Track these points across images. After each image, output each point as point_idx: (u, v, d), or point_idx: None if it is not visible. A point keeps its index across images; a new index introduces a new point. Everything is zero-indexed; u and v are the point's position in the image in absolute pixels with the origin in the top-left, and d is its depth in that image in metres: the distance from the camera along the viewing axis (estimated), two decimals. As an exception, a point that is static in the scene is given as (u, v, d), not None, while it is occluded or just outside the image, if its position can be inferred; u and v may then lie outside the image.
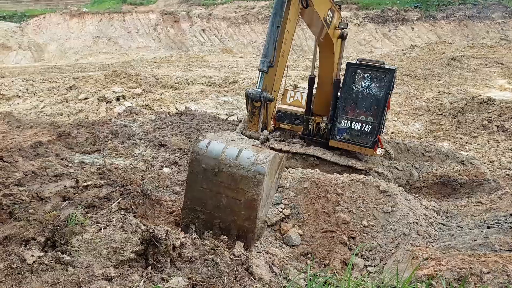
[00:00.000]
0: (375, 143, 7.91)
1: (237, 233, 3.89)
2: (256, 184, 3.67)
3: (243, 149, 3.79)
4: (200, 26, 31.63)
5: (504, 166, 9.64)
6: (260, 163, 3.68)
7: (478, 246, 4.52)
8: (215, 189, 3.83)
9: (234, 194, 3.78)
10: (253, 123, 4.33)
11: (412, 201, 6.22)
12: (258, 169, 3.65)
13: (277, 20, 4.61)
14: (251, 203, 3.73)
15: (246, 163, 3.69)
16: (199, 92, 16.91)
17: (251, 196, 3.71)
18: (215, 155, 3.76)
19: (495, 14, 27.59)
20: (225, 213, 3.86)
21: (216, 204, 3.87)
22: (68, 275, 2.80)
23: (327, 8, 6.74)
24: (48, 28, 31.82)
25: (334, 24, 7.19)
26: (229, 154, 3.74)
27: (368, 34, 28.13)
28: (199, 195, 3.92)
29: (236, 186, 3.74)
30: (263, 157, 3.73)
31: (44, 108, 13.53)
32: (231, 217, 3.86)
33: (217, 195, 3.84)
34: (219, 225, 3.91)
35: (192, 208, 3.99)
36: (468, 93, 15.68)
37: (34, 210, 4.07)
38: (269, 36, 4.59)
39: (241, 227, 3.84)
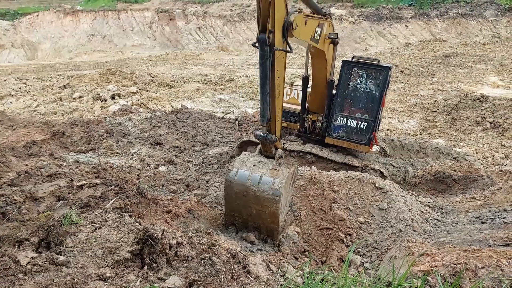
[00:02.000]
0: (370, 140, 7.93)
1: (266, 231, 5.27)
2: (275, 202, 4.92)
3: (263, 176, 5.00)
4: (195, 24, 31.50)
5: (497, 162, 9.72)
6: (276, 187, 4.89)
7: (473, 242, 4.55)
8: (246, 204, 5.14)
9: (260, 208, 5.06)
10: (267, 149, 5.33)
11: (408, 197, 6.25)
12: (275, 193, 4.90)
13: (266, 89, 4.95)
14: (273, 214, 5.03)
15: (266, 188, 4.93)
16: (195, 90, 16.85)
17: (272, 210, 4.99)
18: (243, 182, 5.05)
19: (488, 12, 27.76)
20: (255, 219, 5.22)
21: (248, 213, 5.21)
22: (62, 276, 2.77)
23: (314, 27, 6.58)
24: (42, 26, 31.53)
25: (324, 35, 7.10)
26: (253, 180, 5.02)
27: (363, 32, 28.18)
28: (235, 207, 5.29)
29: (260, 203, 5.02)
30: (278, 182, 4.91)
31: (38, 107, 13.42)
32: (260, 222, 5.20)
33: (247, 208, 5.15)
34: (252, 225, 5.29)
35: (231, 215, 5.40)
36: (462, 90, 15.78)
37: (28, 210, 4.03)
38: (262, 102, 5.05)
39: (268, 227, 5.22)
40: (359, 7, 29.68)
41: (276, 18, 4.56)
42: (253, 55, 26.72)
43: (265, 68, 4.80)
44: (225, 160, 9.25)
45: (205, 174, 8.58)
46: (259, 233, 5.29)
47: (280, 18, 4.69)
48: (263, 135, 5.12)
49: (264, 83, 4.91)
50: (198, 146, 10.03)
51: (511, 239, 4.35)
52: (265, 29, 4.54)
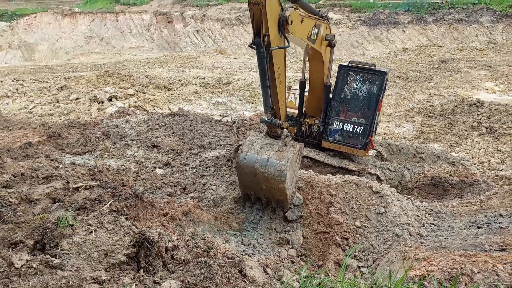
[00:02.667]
0: (366, 144, 7.95)
1: (276, 201, 5.89)
2: (281, 182, 5.46)
3: (269, 158, 5.46)
4: (193, 27, 31.55)
5: (493, 167, 9.77)
6: (281, 170, 5.37)
7: (469, 246, 4.56)
8: (256, 181, 5.71)
9: (269, 185, 5.62)
10: (273, 129, 5.70)
11: (404, 201, 6.26)
12: (281, 174, 5.40)
13: (266, 83, 5.18)
14: (280, 189, 5.59)
15: (272, 170, 5.44)
16: (192, 92, 16.85)
17: (280, 187, 5.55)
18: (251, 165, 5.55)
19: (484, 18, 28.02)
20: (266, 192, 5.86)
21: (259, 189, 5.84)
22: (57, 279, 2.75)
23: (311, 27, 6.63)
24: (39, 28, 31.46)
25: (321, 36, 7.13)
26: (260, 163, 5.51)
27: (360, 37, 28.34)
28: (247, 185, 5.98)
29: (269, 182, 5.57)
30: (284, 165, 5.38)
31: (34, 108, 13.36)
32: (270, 195, 5.84)
33: (258, 184, 5.75)
34: (265, 197, 5.97)
35: (245, 189, 6.14)
36: (458, 95, 15.88)
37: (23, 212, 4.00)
38: (263, 95, 5.32)
39: (278, 199, 5.85)
40: (357, 11, 29.86)
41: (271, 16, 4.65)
42: (251, 59, 26.78)
43: (263, 66, 5.02)
44: (222, 163, 9.24)
45: (202, 177, 8.55)
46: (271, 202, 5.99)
47: (275, 15, 4.79)
48: (268, 120, 5.49)
49: (263, 79, 5.17)
50: (195, 149, 10.01)
51: (507, 244, 4.37)
52: (260, 34, 4.67)
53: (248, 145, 5.69)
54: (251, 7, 4.50)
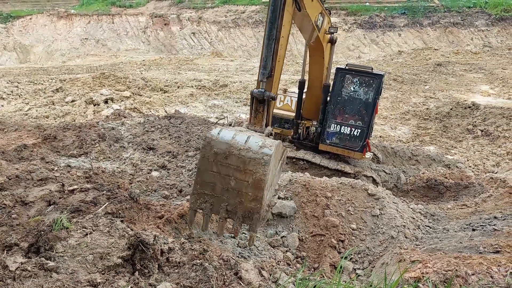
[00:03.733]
0: (364, 147, 7.99)
1: (243, 215, 4.18)
2: (263, 164, 4.02)
3: (251, 136, 4.23)
4: (190, 29, 31.57)
5: (488, 169, 9.84)
6: (267, 146, 4.09)
7: (464, 249, 4.59)
8: (225, 171, 4.16)
9: (242, 176, 4.12)
10: (257, 119, 4.76)
11: (400, 204, 6.29)
12: (265, 151, 4.04)
13: (273, 34, 4.79)
14: (258, 183, 4.06)
15: (254, 146, 4.08)
16: (188, 95, 16.84)
17: (258, 176, 4.04)
18: (226, 140, 4.13)
19: (479, 22, 28.28)
20: (233, 195, 4.17)
21: (225, 187, 4.20)
22: (52, 281, 2.73)
23: (318, 12, 6.81)
24: (35, 29, 31.33)
25: (324, 29, 7.27)
26: (239, 139, 4.14)
27: (356, 40, 28.50)
28: (209, 179, 4.24)
29: (245, 167, 4.09)
30: (270, 142, 4.17)
31: (30, 110, 13.29)
32: (239, 199, 4.17)
33: (226, 178, 4.17)
34: (226, 208, 4.22)
35: (201, 193, 4.29)
36: (454, 98, 15.99)
37: (18, 215, 3.97)
38: (266, 48, 4.82)
39: (248, 208, 4.14)
40: (353, 15, 30.04)
41: None
42: (247, 61, 26.83)
43: (276, 7, 4.67)
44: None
45: (198, 180, 8.52)
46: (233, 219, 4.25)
47: None
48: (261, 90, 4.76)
49: (271, 27, 4.69)
50: (192, 151, 9.99)
51: (501, 246, 4.40)
52: None
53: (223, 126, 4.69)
54: None
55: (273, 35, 4.75)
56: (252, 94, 4.82)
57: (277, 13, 4.75)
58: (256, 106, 4.81)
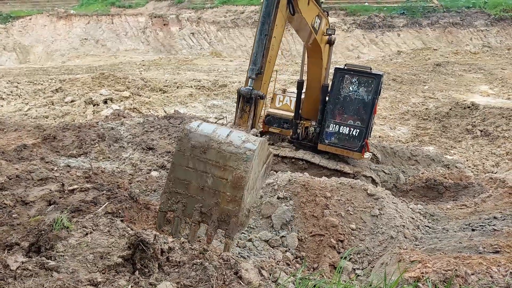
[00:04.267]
0: (362, 147, 8.01)
1: (219, 218, 3.70)
2: (245, 160, 3.57)
3: (234, 131, 3.82)
4: (189, 30, 31.57)
5: (487, 169, 9.86)
6: (251, 141, 3.65)
7: (463, 249, 4.60)
8: (202, 167, 3.70)
9: (221, 173, 3.65)
10: (243, 120, 4.47)
11: (399, 204, 6.30)
12: (248, 146, 3.60)
13: (265, 28, 4.73)
14: (238, 181, 3.60)
15: (237, 140, 3.64)
16: (188, 95, 16.84)
17: (239, 173, 3.58)
18: (206, 133, 3.70)
19: (478, 22, 28.32)
20: (209, 195, 3.71)
21: (200, 186, 3.73)
22: (52, 280, 2.74)
23: (315, 15, 6.81)
24: (34, 30, 31.31)
25: (321, 30, 7.28)
26: (221, 132, 3.71)
27: (355, 40, 28.52)
28: (183, 176, 3.77)
29: (225, 163, 3.63)
30: (254, 138, 3.75)
31: (29, 110, 13.29)
32: (215, 200, 3.69)
33: (202, 175, 3.71)
34: (200, 209, 3.75)
35: (174, 192, 3.81)
36: (453, 98, 16.01)
37: (18, 214, 3.98)
38: (257, 44, 4.73)
39: (224, 210, 3.67)
40: (352, 15, 30.06)
41: None
42: (246, 61, 26.82)
43: (270, 2, 4.62)
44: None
45: (198, 180, 8.53)
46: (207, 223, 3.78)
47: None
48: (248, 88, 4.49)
49: (264, 22, 4.61)
50: (191, 151, 10.00)
51: (501, 246, 4.42)
52: None
53: None
54: None
55: (265, 30, 4.68)
56: (238, 92, 4.57)
57: (271, 8, 4.72)
58: (242, 105, 4.55)
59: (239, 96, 4.60)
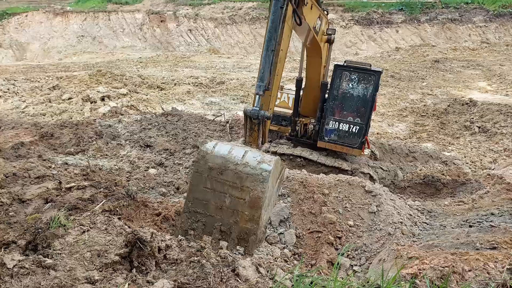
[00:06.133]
0: (362, 143, 8.01)
1: (238, 236, 3.88)
2: (261, 181, 3.74)
3: (249, 150, 3.95)
4: (186, 26, 31.45)
5: (485, 166, 9.88)
6: (266, 161, 3.81)
7: (460, 245, 4.61)
8: (219, 188, 3.86)
9: (238, 193, 3.82)
10: (253, 138, 4.52)
11: (397, 201, 6.31)
12: (264, 167, 3.75)
13: (272, 44, 4.59)
14: (255, 201, 3.78)
15: (252, 161, 3.79)
16: (185, 92, 16.79)
17: (256, 194, 3.76)
18: (222, 154, 3.84)
19: (477, 18, 28.30)
20: (228, 215, 3.87)
21: (219, 205, 3.90)
22: (50, 279, 2.73)
23: (317, 17, 6.75)
24: (31, 27, 31.12)
25: (322, 30, 7.25)
26: (236, 153, 3.85)
27: (354, 36, 28.47)
28: (202, 196, 3.93)
29: (242, 184, 3.79)
30: (269, 158, 3.89)
31: (26, 108, 13.22)
32: (234, 219, 3.87)
33: (220, 195, 3.87)
34: (220, 228, 3.91)
35: (193, 211, 3.97)
36: (451, 95, 16.03)
37: (15, 212, 3.97)
38: (264, 60, 4.60)
39: (243, 229, 3.85)
40: (350, 11, 30.00)
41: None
42: (244, 58, 26.76)
43: (276, 18, 4.50)
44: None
45: (196, 177, 8.53)
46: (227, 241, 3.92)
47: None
48: (255, 109, 4.41)
49: (271, 37, 4.49)
50: (189, 148, 9.99)
51: (498, 242, 4.43)
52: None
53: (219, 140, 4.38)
54: None
55: (272, 46, 4.59)
56: (245, 113, 4.56)
57: (277, 23, 4.60)
58: (250, 124, 4.56)
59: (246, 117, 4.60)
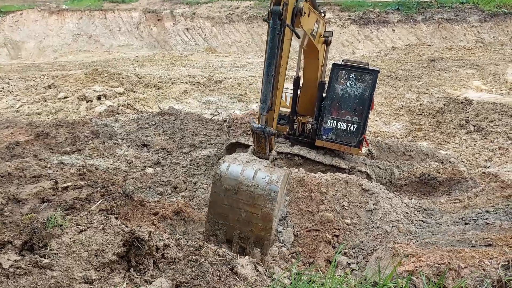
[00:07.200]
0: (360, 142, 8.03)
1: (254, 241, 4.59)
2: (271, 200, 4.37)
3: (258, 170, 4.49)
4: (183, 25, 31.35)
5: (480, 164, 9.94)
6: (274, 182, 4.38)
7: (456, 242, 4.64)
8: (235, 205, 4.51)
9: (252, 209, 4.46)
10: (261, 148, 4.91)
11: (394, 199, 6.34)
12: (272, 188, 4.35)
13: (272, 69, 4.68)
14: (266, 216, 4.42)
15: (262, 183, 4.39)
16: (183, 91, 16.75)
17: (266, 210, 4.40)
18: (235, 176, 4.46)
19: (472, 18, 28.45)
20: (244, 225, 4.56)
21: (236, 218, 4.56)
22: (46, 279, 2.72)
23: (314, 22, 6.72)
24: (26, 25, 30.90)
25: (319, 33, 7.25)
26: (247, 175, 4.44)
27: (350, 35, 28.52)
28: (221, 210, 4.59)
29: (254, 202, 4.42)
30: (276, 177, 4.42)
31: (21, 107, 13.13)
32: (249, 228, 4.55)
33: (237, 210, 4.52)
34: (239, 235, 4.63)
35: (215, 221, 4.67)
36: (447, 94, 16.11)
37: (11, 212, 3.94)
38: (265, 85, 4.73)
39: (258, 236, 4.55)
40: (347, 10, 30.04)
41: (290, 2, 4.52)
42: (241, 57, 26.74)
43: (275, 44, 4.56)
44: (213, 162, 9.22)
45: (193, 176, 8.53)
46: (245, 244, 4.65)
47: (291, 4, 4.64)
48: (260, 127, 4.73)
49: (270, 63, 4.60)
50: (186, 147, 9.97)
51: (493, 239, 4.46)
52: (280, 1, 4.45)
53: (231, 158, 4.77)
54: None
55: (272, 71, 4.68)
56: (252, 130, 4.88)
57: (275, 51, 4.65)
58: (258, 138, 4.92)
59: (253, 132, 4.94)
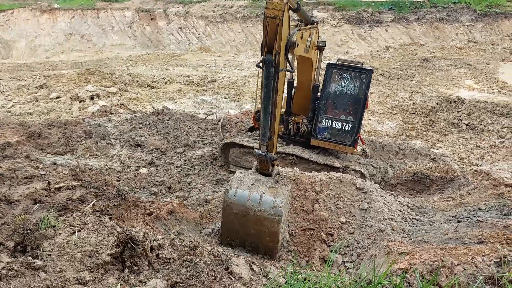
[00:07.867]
0: (355, 141, 8.08)
1: (264, 251, 5.18)
2: (276, 222, 4.90)
3: (263, 195, 4.94)
4: (177, 24, 31.20)
5: (472, 162, 10.05)
6: (277, 207, 4.86)
7: (449, 240, 4.69)
8: (245, 224, 5.05)
9: (259, 228, 5.00)
10: (264, 166, 5.26)
11: (387, 197, 6.38)
12: (277, 212, 4.86)
13: (269, 108, 4.86)
14: (273, 234, 5.01)
15: (267, 208, 4.88)
16: (176, 91, 16.68)
17: (273, 230, 4.97)
18: (242, 202, 4.96)
19: (464, 17, 28.71)
20: (254, 239, 5.13)
21: (246, 233, 5.12)
22: (39, 280, 2.69)
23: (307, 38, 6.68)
24: (17, 24, 30.54)
25: (312, 43, 7.27)
26: (253, 200, 4.94)
27: (344, 35, 28.61)
28: (232, 227, 5.19)
29: (261, 223, 4.96)
30: (279, 201, 4.89)
31: (13, 107, 12.99)
32: (259, 241, 5.13)
33: (246, 228, 5.07)
34: (250, 245, 5.21)
35: (228, 235, 5.28)
36: (439, 93, 16.24)
37: (2, 214, 3.90)
38: (264, 122, 4.96)
39: (267, 247, 5.15)
40: (341, 10, 30.12)
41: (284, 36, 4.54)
42: (235, 57, 26.70)
43: (269, 89, 4.73)
44: (207, 162, 9.20)
45: (187, 176, 8.50)
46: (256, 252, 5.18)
47: (284, 38, 4.65)
48: (262, 154, 5.04)
49: (267, 104, 4.83)
50: (180, 147, 9.94)
51: (485, 236, 4.51)
52: (272, 51, 4.50)
53: (237, 182, 5.11)
54: (266, 21, 4.33)
55: (269, 109, 4.88)
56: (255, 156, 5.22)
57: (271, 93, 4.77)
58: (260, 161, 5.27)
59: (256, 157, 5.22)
